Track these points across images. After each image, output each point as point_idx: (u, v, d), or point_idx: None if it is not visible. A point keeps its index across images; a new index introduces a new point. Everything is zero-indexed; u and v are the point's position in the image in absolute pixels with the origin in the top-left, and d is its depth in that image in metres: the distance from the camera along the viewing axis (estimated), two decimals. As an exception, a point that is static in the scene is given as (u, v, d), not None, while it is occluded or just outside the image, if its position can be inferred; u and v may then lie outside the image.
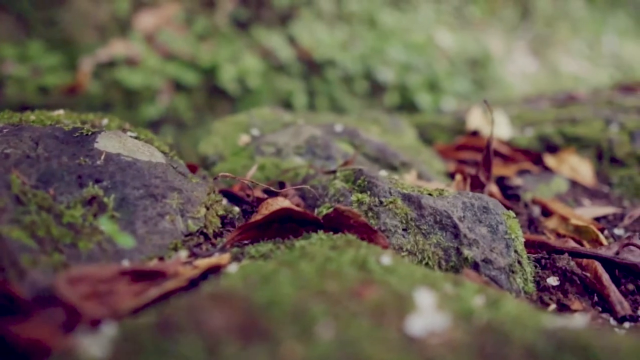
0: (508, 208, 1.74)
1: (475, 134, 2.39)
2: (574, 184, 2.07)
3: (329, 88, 4.33)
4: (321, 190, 1.53)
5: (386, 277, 0.93)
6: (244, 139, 1.94)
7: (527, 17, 5.53)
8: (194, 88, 3.81)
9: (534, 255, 1.39)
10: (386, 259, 1.02)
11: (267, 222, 1.25)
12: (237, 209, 1.49)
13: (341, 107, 4.39)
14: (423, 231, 1.29)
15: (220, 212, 1.40)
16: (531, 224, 1.71)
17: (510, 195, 1.90)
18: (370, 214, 1.32)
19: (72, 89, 3.39)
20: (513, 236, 1.31)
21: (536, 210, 1.83)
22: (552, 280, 1.30)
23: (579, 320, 0.89)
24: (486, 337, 0.77)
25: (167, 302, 0.88)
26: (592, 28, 5.80)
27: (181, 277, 1.01)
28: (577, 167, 2.10)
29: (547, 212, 1.80)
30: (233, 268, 1.08)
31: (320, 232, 1.23)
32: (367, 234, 1.25)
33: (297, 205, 1.57)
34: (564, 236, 1.59)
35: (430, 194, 1.35)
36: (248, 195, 1.56)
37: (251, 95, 3.96)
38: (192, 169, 1.73)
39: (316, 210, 1.44)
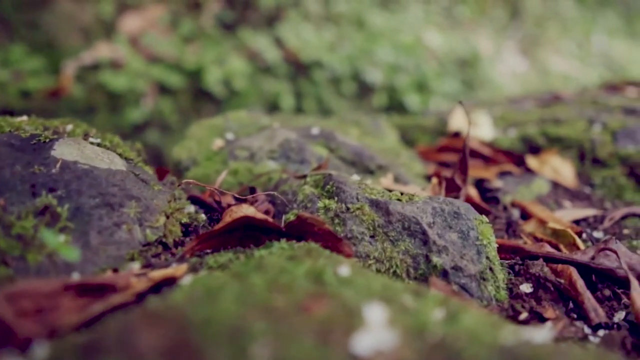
0: (486, 212, 1.69)
1: (457, 135, 2.34)
2: (555, 185, 2.03)
3: (316, 89, 4.28)
4: (291, 195, 1.48)
5: (341, 289, 0.88)
6: (218, 143, 1.89)
7: (516, 17, 5.49)
8: (179, 91, 3.75)
9: (507, 261, 1.34)
10: (344, 269, 0.97)
11: (228, 230, 1.20)
12: (203, 216, 1.44)
13: (329, 108, 4.34)
14: (391, 238, 1.24)
15: (184, 220, 1.34)
16: (509, 228, 1.66)
17: (489, 198, 1.85)
18: (336, 220, 1.27)
19: (54, 93, 3.34)
20: (485, 242, 1.26)
21: (515, 213, 1.78)
22: (526, 287, 1.26)
23: (542, 334, 0.84)
24: (437, 355, 0.72)
25: (105, 320, 0.82)
26: (582, 27, 5.76)
27: (129, 291, 0.96)
28: (559, 168, 2.06)
29: (526, 215, 1.75)
30: (187, 280, 1.03)
31: (283, 240, 1.18)
32: (332, 242, 1.20)
33: (267, 211, 1.52)
34: (541, 240, 1.54)
35: (399, 200, 1.30)
36: (217, 202, 1.51)
37: (237, 98, 3.91)
38: (163, 174, 1.68)
39: (284, 217, 1.39)
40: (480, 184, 1.89)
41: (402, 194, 1.39)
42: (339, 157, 1.84)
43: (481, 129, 2.36)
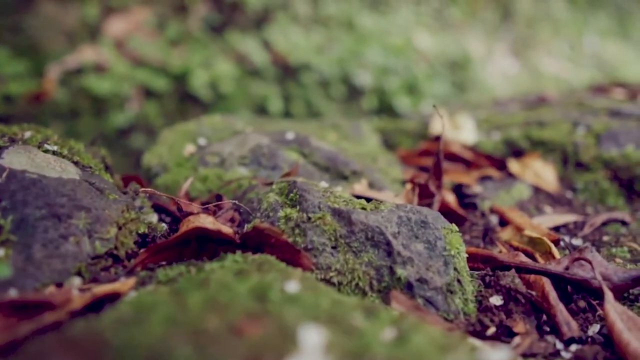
0: (463, 218, 1.63)
1: (438, 139, 2.27)
2: (537, 190, 1.96)
3: (305, 93, 4.22)
4: (256, 204, 1.42)
5: (284, 308, 0.82)
6: (190, 148, 1.83)
7: (508, 18, 5.42)
8: (164, 94, 3.69)
9: (478, 272, 1.28)
10: (293, 285, 0.90)
11: (182, 242, 1.14)
12: (164, 226, 1.37)
13: (318, 112, 4.28)
14: (354, 249, 1.18)
15: (142, 230, 1.28)
16: (486, 235, 1.59)
17: (467, 203, 1.79)
18: (297, 231, 1.20)
19: (37, 97, 3.28)
20: (453, 252, 1.19)
21: (494, 220, 1.72)
22: (496, 300, 1.19)
23: (499, 355, 0.78)
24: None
25: (28, 343, 0.76)
26: (574, 29, 5.69)
27: (64, 309, 0.90)
28: (541, 172, 1.99)
29: (505, 222, 1.69)
30: (132, 296, 0.96)
31: (239, 253, 1.12)
32: (290, 254, 1.14)
33: (233, 220, 1.46)
34: (517, 248, 1.48)
35: (363, 209, 1.23)
36: (180, 211, 1.45)
37: (224, 101, 3.85)
38: (128, 182, 1.62)
39: (245, 227, 1.32)
40: (458, 189, 1.83)
41: (369, 201, 1.33)
42: (313, 162, 1.78)
43: (464, 132, 2.29)
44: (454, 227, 1.27)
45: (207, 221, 1.20)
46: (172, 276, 1.05)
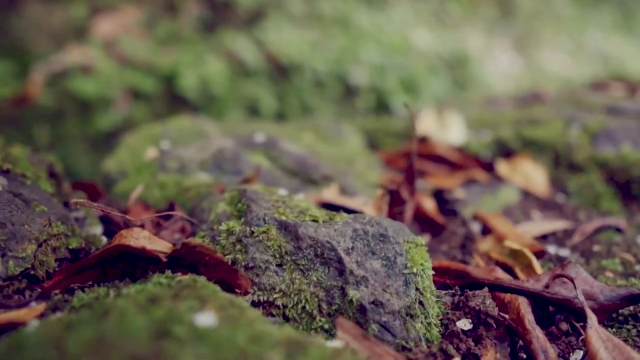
0: (441, 227, 1.47)
1: (424, 139, 2.11)
2: (526, 194, 1.79)
3: (299, 92, 4.07)
4: (207, 214, 1.27)
5: (185, 349, 0.67)
6: (151, 153, 1.69)
7: (509, 14, 5.23)
8: (153, 96, 3.56)
9: (446, 291, 1.12)
10: (206, 317, 0.75)
11: (103, 260, 0.99)
12: (105, 239, 1.23)
13: (312, 111, 4.13)
14: (301, 267, 1.03)
15: (75, 245, 1.14)
16: (465, 245, 1.43)
17: (448, 210, 1.62)
18: (238, 246, 1.05)
19: (20, 100, 3.16)
20: (416, 270, 1.04)
21: (476, 228, 1.56)
22: (463, 324, 1.03)
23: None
24: None
25: None
26: (577, 24, 5.48)
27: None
28: (531, 174, 1.82)
29: (488, 230, 1.53)
30: (34, 324, 0.82)
31: (169, 272, 0.97)
32: (226, 273, 0.99)
33: (183, 231, 1.32)
34: (496, 261, 1.32)
35: (314, 220, 1.08)
36: (126, 223, 1.30)
37: (215, 102, 3.70)
38: (83, 189, 1.49)
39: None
40: (439, 194, 1.67)
41: (335, 209, 1.18)
42: (281, 166, 1.62)
43: (452, 132, 2.13)
44: (420, 240, 1.11)
45: (139, 236, 1.05)
46: (87, 301, 0.91)
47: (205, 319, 0.75)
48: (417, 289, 1.02)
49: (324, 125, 2.12)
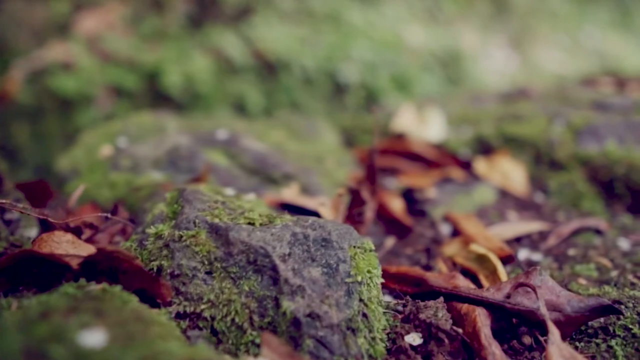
0: (407, 229, 1.36)
1: (401, 136, 2.00)
2: (503, 193, 1.68)
3: (288, 90, 3.96)
4: (148, 215, 1.16)
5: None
6: (106, 151, 1.58)
7: (504, 11, 5.10)
8: (136, 93, 3.45)
9: (397, 301, 1.01)
10: (94, 336, 0.65)
11: (8, 267, 0.88)
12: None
13: (301, 109, 4.02)
14: (232, 275, 0.92)
15: (-5, 250, 1.03)
16: (430, 249, 1.32)
17: (417, 210, 1.51)
18: (164, 252, 0.94)
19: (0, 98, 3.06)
20: (360, 278, 0.93)
21: (446, 229, 1.44)
22: (413, 338, 0.92)
23: None
24: None
25: None
26: (573, 22, 5.34)
27: None
28: (509, 173, 1.71)
29: (458, 232, 1.41)
30: None
31: (82, 281, 0.86)
32: (147, 282, 0.88)
33: (124, 233, 1.21)
34: (461, 267, 1.20)
35: (251, 224, 0.97)
36: (68, 226, 1.19)
37: (200, 100, 3.60)
38: (29, 190, 1.38)
39: (124, 245, 1.07)
40: (409, 193, 1.56)
41: (294, 210, 1.07)
42: (240, 165, 1.52)
43: (430, 128, 2.02)
44: (369, 244, 1.00)
45: (60, 240, 0.95)
46: (-17, 315, 0.80)
47: (93, 337, 0.65)
48: (360, 299, 0.91)
49: (297, 122, 2.01)
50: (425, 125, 2.02)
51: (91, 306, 0.74)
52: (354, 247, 0.98)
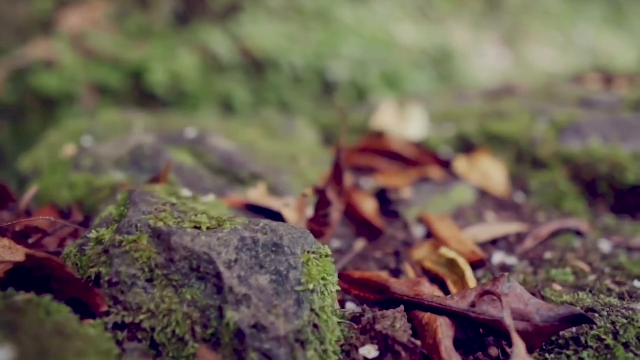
0: (378, 231, 1.29)
1: (381, 135, 1.92)
2: (483, 193, 1.61)
3: (276, 88, 3.89)
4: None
5: None
6: (69, 150, 1.51)
7: (497, 8, 5.03)
8: (121, 92, 3.38)
9: (353, 311, 0.94)
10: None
11: None
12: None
13: (290, 108, 3.95)
14: (174, 283, 0.85)
15: None
16: (399, 253, 1.25)
17: (391, 211, 1.44)
18: (103, 258, 0.87)
19: (-21, 97, 2.99)
20: (313, 286, 0.86)
21: (420, 231, 1.37)
22: (368, 351, 0.85)
23: None
24: None
25: None
26: (566, 19, 5.27)
27: None
28: (489, 172, 1.64)
29: (432, 234, 1.34)
30: None
31: (11, 290, 0.79)
32: (80, 291, 0.81)
33: (77, 235, 1.14)
34: (430, 272, 1.13)
35: (197, 228, 0.90)
36: (13, 230, 1.12)
37: (186, 98, 3.53)
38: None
39: (67, 250, 1.00)
40: (383, 194, 1.48)
41: (258, 211, 1.00)
42: (207, 164, 1.45)
43: (411, 126, 1.95)
44: (326, 249, 0.93)
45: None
46: None
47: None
48: (312, 309, 0.84)
49: (274, 121, 1.94)
50: (406, 123, 1.95)
51: (8, 319, 0.67)
52: (308, 252, 0.91)
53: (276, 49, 3.92)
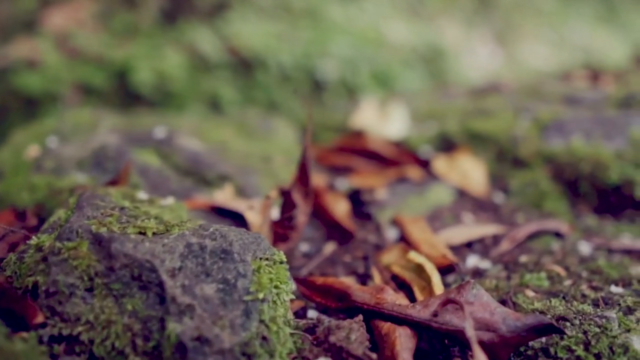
0: (349, 234, 1.23)
1: (359, 133, 1.87)
2: (462, 193, 1.55)
3: (264, 87, 3.83)
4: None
5: None
6: (32, 151, 1.46)
7: (489, 6, 4.97)
8: (105, 91, 3.32)
9: (306, 322, 0.88)
10: None
11: None
12: None
13: (279, 107, 3.89)
14: (115, 293, 0.79)
15: None
16: (368, 257, 1.19)
17: (364, 213, 1.38)
18: (41, 266, 0.82)
19: (-40, 97, 2.93)
20: (263, 295, 0.80)
21: (393, 234, 1.32)
22: (322, 364, 0.79)
23: None
24: None
25: None
26: (559, 17, 5.21)
27: None
28: (469, 171, 1.58)
29: (405, 237, 1.29)
30: None
31: None
32: (13, 301, 0.75)
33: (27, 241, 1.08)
34: (398, 277, 1.08)
35: (142, 233, 0.84)
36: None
37: (173, 98, 3.47)
38: None
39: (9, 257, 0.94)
40: (356, 195, 1.43)
41: (224, 214, 0.95)
42: (173, 165, 1.39)
43: (392, 125, 1.89)
44: (280, 256, 0.88)
45: None
46: None
47: None
48: (261, 320, 0.78)
49: (251, 120, 1.89)
50: (386, 122, 1.89)
51: None
52: (260, 258, 0.85)
53: (264, 48, 3.86)
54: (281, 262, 0.87)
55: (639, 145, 1.50)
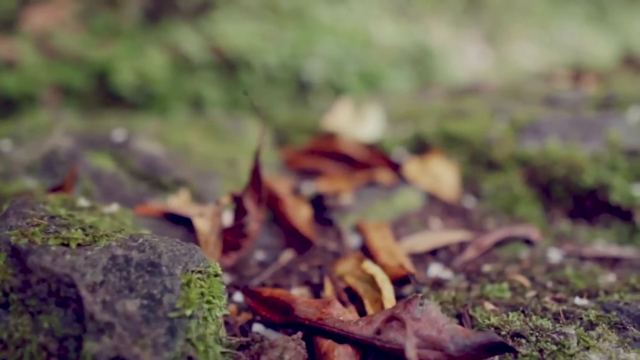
0: (308, 241, 1.17)
1: (331, 136, 1.81)
2: (432, 198, 1.50)
3: (250, 88, 3.77)
4: None
5: None
6: (-17, 155, 1.39)
7: (478, 6, 4.92)
8: (85, 93, 3.26)
9: (239, 340, 0.82)
10: None
11: None
12: None
13: (266, 108, 3.83)
14: (31, 309, 0.73)
15: None
16: (323, 267, 1.13)
17: (326, 219, 1.33)
18: (-48, 281, 0.76)
19: None
20: (191, 312, 0.74)
21: (355, 241, 1.26)
22: (255, 385, 0.73)
23: None
24: None
25: None
26: (549, 17, 5.16)
27: None
28: (440, 175, 1.53)
29: (367, 245, 1.23)
30: None
31: None
32: None
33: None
34: (351, 289, 1.02)
35: (65, 244, 0.78)
36: None
37: (155, 99, 3.41)
38: None
39: None
40: (319, 200, 1.37)
41: (177, 221, 0.89)
42: (129, 169, 1.33)
43: (366, 127, 1.83)
44: (215, 268, 0.82)
45: None
46: None
47: None
48: (187, 339, 0.72)
49: (222, 121, 1.83)
50: (360, 123, 1.84)
51: None
52: (192, 271, 0.79)
53: (249, 48, 3.81)
54: (216, 275, 0.81)
55: (615, 147, 1.45)
